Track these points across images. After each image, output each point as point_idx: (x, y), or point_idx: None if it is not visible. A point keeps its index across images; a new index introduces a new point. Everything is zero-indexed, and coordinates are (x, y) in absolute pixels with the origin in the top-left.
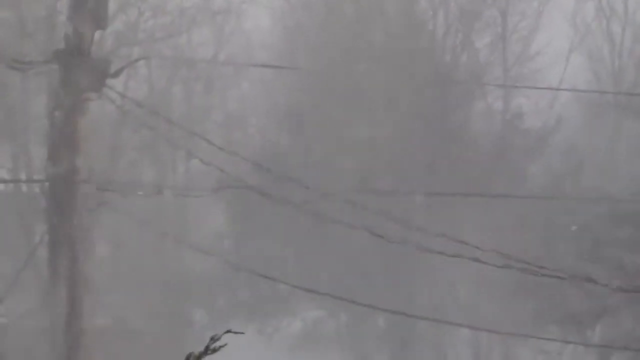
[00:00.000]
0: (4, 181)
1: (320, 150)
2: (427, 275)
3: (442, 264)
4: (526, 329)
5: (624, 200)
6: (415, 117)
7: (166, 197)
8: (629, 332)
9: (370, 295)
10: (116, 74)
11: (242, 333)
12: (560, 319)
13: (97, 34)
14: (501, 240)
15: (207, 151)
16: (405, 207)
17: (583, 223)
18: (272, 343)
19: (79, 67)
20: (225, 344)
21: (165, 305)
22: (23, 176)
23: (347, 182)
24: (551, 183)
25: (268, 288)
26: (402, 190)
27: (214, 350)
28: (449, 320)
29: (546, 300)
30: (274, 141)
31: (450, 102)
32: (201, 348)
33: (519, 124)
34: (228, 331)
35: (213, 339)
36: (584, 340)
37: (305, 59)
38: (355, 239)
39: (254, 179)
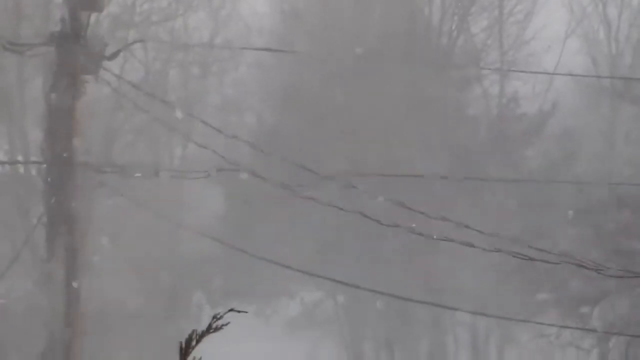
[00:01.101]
0: (1, 162)
1: (318, 133)
2: (424, 259)
3: (439, 247)
4: (524, 313)
5: (620, 185)
6: (411, 100)
7: (163, 179)
8: (626, 316)
9: (368, 278)
10: (112, 57)
11: (246, 312)
12: (558, 303)
13: (93, 17)
14: (498, 224)
15: (204, 134)
16: (401, 191)
17: (580, 207)
18: (271, 324)
19: (75, 49)
20: (228, 323)
21: (163, 286)
22: (20, 158)
23: (344, 165)
24: (547, 167)
25: (265, 270)
26: (398, 173)
27: (217, 329)
28: (446, 304)
29: (544, 285)
30: (271, 125)
31: (446, 86)
32: (199, 329)
33: (515, 108)
34: (231, 310)
35: (216, 318)
36: (582, 324)
37: (303, 43)
38: (352, 222)
39: (251, 162)
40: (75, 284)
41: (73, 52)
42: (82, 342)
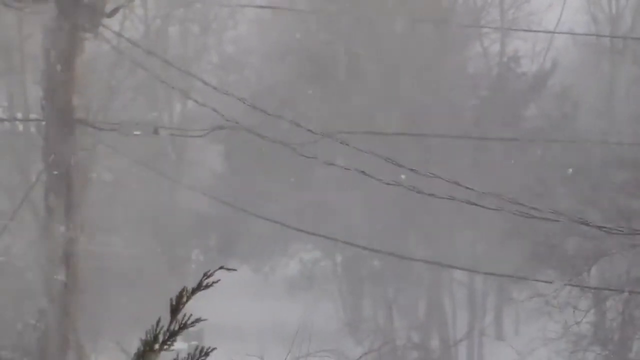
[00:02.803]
0: (0, 120)
1: (317, 91)
2: (423, 218)
3: (438, 206)
4: (522, 272)
5: (620, 144)
6: (411, 59)
7: (162, 137)
8: (624, 275)
9: (367, 237)
10: (112, 14)
11: (235, 270)
12: (555, 262)
13: None
14: (497, 182)
15: (203, 92)
16: (401, 149)
17: (579, 166)
18: (269, 283)
19: (75, 6)
20: (219, 280)
21: (161, 244)
22: (19, 115)
23: (343, 123)
24: (547, 126)
25: (264, 228)
26: (397, 131)
27: (207, 286)
28: (444, 262)
29: (542, 243)
30: (270, 82)
31: (447, 44)
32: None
33: (515, 67)
34: (221, 267)
35: (206, 275)
36: (580, 283)
37: (303, 1)
38: (351, 181)
39: (249, 120)
40: (74, 240)
41: (73, 9)
42: (81, 298)
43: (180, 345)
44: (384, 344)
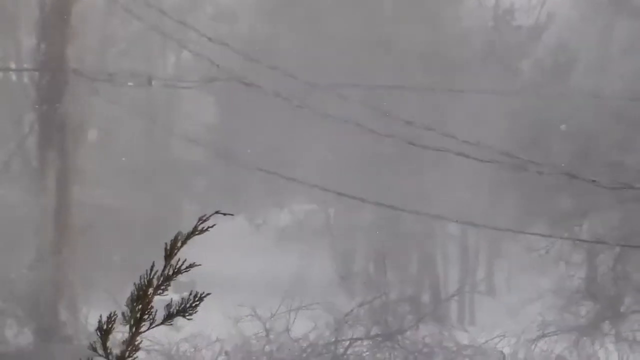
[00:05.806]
0: None
1: (311, 43)
2: (416, 170)
3: (432, 158)
4: (514, 226)
5: (614, 98)
6: (406, 11)
7: (156, 87)
8: (616, 229)
9: (360, 188)
10: None
11: (232, 215)
12: (548, 216)
13: None
14: (491, 136)
15: (197, 43)
16: (396, 102)
17: (574, 121)
18: (262, 235)
19: None
20: (214, 225)
21: (155, 193)
22: (13, 65)
23: (338, 76)
24: (542, 80)
25: (257, 180)
26: (392, 84)
27: (202, 231)
28: (437, 214)
29: (535, 198)
30: (264, 34)
31: None
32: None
33: (510, 20)
34: (217, 212)
35: (201, 220)
36: (572, 237)
37: None
38: (345, 132)
39: (243, 71)
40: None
41: None
42: (73, 250)
43: (172, 296)
44: (376, 297)
